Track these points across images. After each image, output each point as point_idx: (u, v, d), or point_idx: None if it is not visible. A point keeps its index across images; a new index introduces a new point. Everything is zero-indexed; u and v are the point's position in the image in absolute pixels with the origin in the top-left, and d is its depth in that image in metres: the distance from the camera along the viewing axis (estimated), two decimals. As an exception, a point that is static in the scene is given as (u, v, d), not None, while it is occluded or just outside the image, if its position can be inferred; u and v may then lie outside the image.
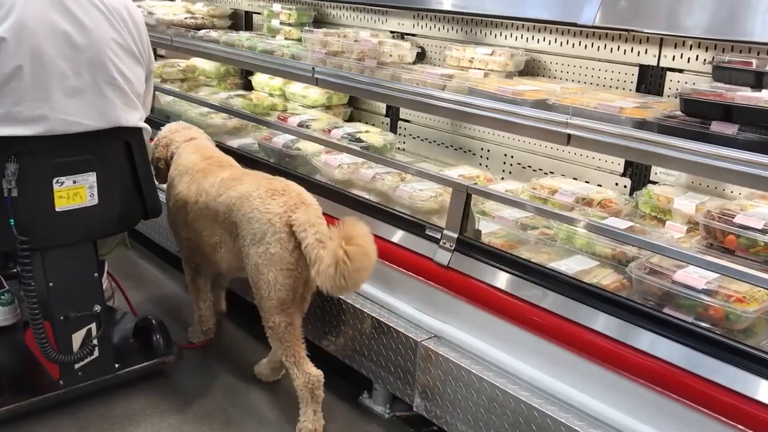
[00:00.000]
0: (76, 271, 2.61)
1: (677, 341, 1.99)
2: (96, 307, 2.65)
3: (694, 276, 2.07)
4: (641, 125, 2.23)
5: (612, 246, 2.38)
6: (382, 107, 4.05)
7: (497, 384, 2.27)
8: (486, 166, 3.45)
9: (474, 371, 2.33)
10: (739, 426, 1.82)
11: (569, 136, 2.37)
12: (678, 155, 2.10)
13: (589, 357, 2.14)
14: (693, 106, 2.14)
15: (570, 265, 2.34)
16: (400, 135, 3.88)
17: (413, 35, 3.71)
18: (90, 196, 2.53)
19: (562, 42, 3.08)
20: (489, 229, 2.66)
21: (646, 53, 2.81)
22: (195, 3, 4.95)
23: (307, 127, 3.53)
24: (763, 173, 1.91)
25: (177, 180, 2.90)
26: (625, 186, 2.94)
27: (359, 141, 3.37)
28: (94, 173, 2.52)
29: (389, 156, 3.35)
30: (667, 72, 2.77)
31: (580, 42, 3.02)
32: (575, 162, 3.10)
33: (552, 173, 3.16)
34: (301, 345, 2.57)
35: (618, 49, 2.89)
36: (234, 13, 4.91)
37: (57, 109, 2.37)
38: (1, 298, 3.01)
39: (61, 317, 2.59)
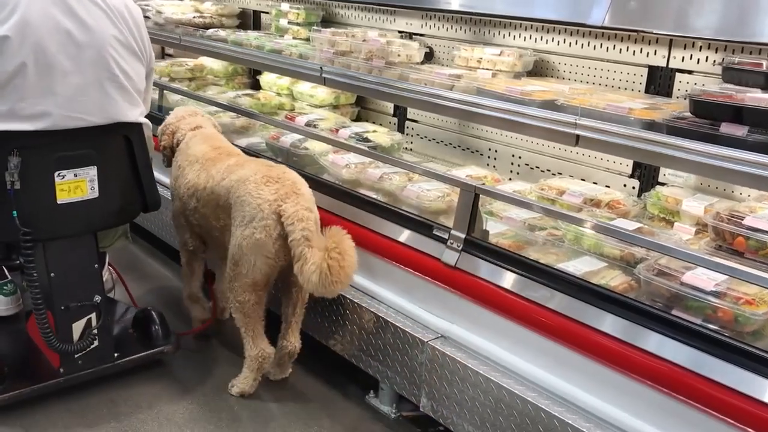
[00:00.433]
0: (76, 263, 2.66)
1: (685, 343, 1.98)
2: (96, 298, 2.70)
3: (702, 278, 2.06)
4: (650, 126, 2.22)
5: (620, 247, 2.37)
6: (389, 107, 4.05)
7: (504, 385, 2.27)
8: (493, 166, 3.44)
9: (481, 372, 2.33)
10: (748, 428, 1.82)
11: (578, 136, 2.36)
12: (687, 157, 2.09)
13: (597, 358, 2.13)
14: (702, 107, 2.14)
15: (578, 266, 2.34)
16: (407, 135, 3.88)
17: (421, 35, 3.71)
18: (91, 189, 2.58)
19: (570, 42, 3.07)
20: (497, 230, 2.66)
21: (655, 54, 2.80)
22: (203, 2, 4.97)
23: (315, 127, 3.53)
24: (773, 175, 1.90)
25: (188, 169, 2.97)
26: (634, 187, 2.93)
27: (367, 141, 3.38)
28: (94, 167, 2.57)
29: (397, 156, 3.35)
30: (677, 73, 2.76)
31: (588, 42, 3.01)
32: (583, 163, 3.10)
33: (560, 174, 3.16)
34: (261, 322, 2.72)
35: (627, 50, 2.88)
36: (242, 13, 4.93)
37: (60, 106, 2.42)
38: (4, 288, 3.07)
39: (62, 307, 2.64)
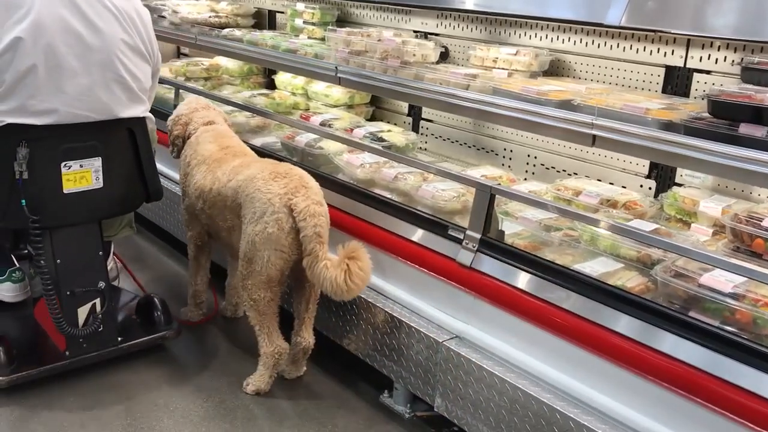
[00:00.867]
0: (82, 250, 2.78)
1: (702, 344, 1.97)
2: (100, 284, 2.82)
3: (720, 279, 2.04)
4: (668, 127, 2.21)
5: (637, 248, 2.35)
6: (404, 107, 4.05)
7: (519, 385, 2.26)
8: (509, 166, 3.43)
9: (496, 372, 2.33)
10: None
11: (594, 137, 2.36)
12: (705, 157, 2.08)
13: (613, 359, 2.12)
14: (721, 107, 2.12)
15: (594, 267, 2.33)
16: (422, 135, 3.88)
17: (437, 35, 3.70)
18: (95, 179, 2.71)
19: (587, 42, 3.06)
20: (512, 230, 2.65)
21: (672, 54, 2.78)
22: (219, 2, 4.98)
23: (330, 126, 3.53)
24: (793, 176, 1.89)
25: (195, 170, 3.01)
26: (650, 188, 2.91)
27: (381, 140, 3.38)
28: (99, 158, 2.70)
29: (411, 156, 3.35)
30: (694, 73, 2.74)
31: (605, 42, 2.99)
32: (599, 163, 3.08)
33: (576, 174, 3.14)
34: (276, 318, 2.73)
35: (644, 50, 2.86)
36: (258, 12, 4.94)
37: (67, 104, 2.54)
38: (13, 276, 3.18)
39: (68, 292, 2.75)
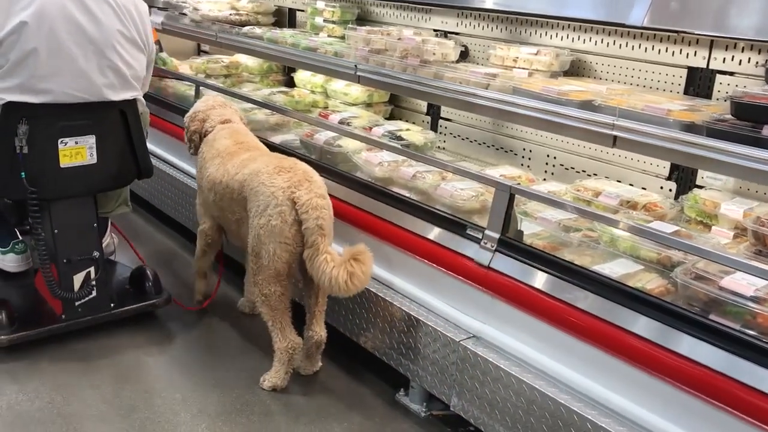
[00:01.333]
0: (78, 221, 3.02)
1: (722, 347, 1.96)
2: (95, 253, 3.05)
3: (742, 283, 2.03)
4: (690, 128, 2.19)
5: (657, 250, 2.34)
6: (422, 105, 4.05)
7: (536, 386, 2.26)
8: (528, 166, 3.42)
9: (513, 372, 2.32)
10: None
11: (615, 137, 2.34)
12: (728, 159, 2.06)
13: (631, 361, 2.11)
14: (744, 109, 2.10)
15: (614, 269, 2.31)
16: (440, 134, 3.87)
17: (457, 34, 3.70)
18: (90, 155, 2.94)
19: (608, 42, 3.04)
20: (531, 231, 2.64)
21: (695, 55, 2.76)
22: (240, 0, 5.00)
23: (349, 125, 3.54)
24: (817, 180, 1.87)
25: (209, 163, 3.08)
26: (670, 190, 2.90)
27: (400, 139, 3.38)
28: (93, 136, 2.92)
29: (430, 154, 3.34)
30: (717, 74, 2.72)
31: (627, 43, 2.98)
32: (619, 164, 3.07)
33: (595, 175, 3.13)
34: (288, 313, 2.77)
35: (666, 51, 2.84)
36: (278, 10, 4.96)
37: (64, 84, 2.76)
38: (16, 247, 3.40)
39: (65, 260, 3.00)
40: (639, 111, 2.33)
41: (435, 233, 2.76)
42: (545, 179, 3.21)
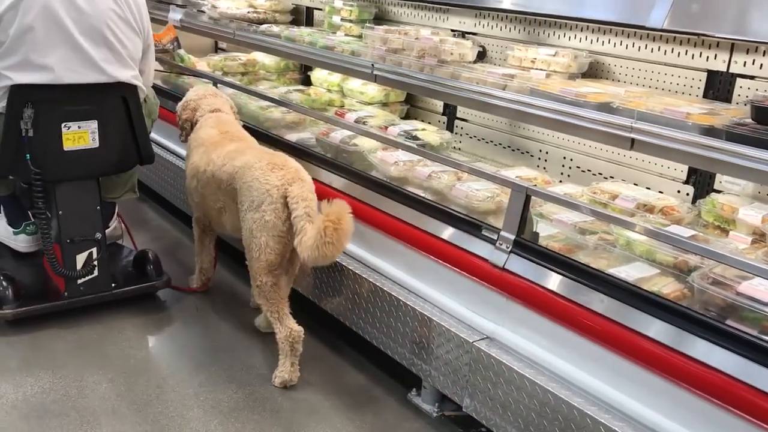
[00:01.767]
0: (81, 203, 3.17)
1: (738, 353, 1.94)
2: (97, 234, 3.19)
3: (760, 288, 2.01)
4: (709, 132, 2.17)
5: (673, 254, 2.32)
6: (438, 105, 4.04)
7: (550, 388, 2.25)
8: (544, 168, 3.41)
9: (526, 374, 2.31)
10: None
11: (633, 140, 2.33)
12: (747, 164, 2.04)
13: (647, 365, 2.10)
14: (765, 113, 2.09)
15: (630, 272, 2.30)
16: (456, 134, 3.86)
17: (474, 34, 3.69)
18: (92, 140, 3.07)
19: (627, 45, 3.02)
20: (547, 233, 2.63)
21: (715, 58, 2.74)
22: (257, -2, 5.02)
23: (364, 124, 3.54)
24: (839, 185, 1.85)
25: (194, 151, 3.20)
26: (688, 194, 2.87)
27: (416, 139, 3.37)
28: (95, 121, 3.06)
29: (446, 155, 3.34)
30: (737, 78, 2.69)
31: (646, 45, 2.96)
32: (636, 167, 3.05)
33: (612, 178, 3.11)
34: (285, 303, 2.85)
35: (686, 54, 2.82)
36: (295, 9, 4.96)
37: (62, 59, 2.89)
38: (27, 228, 3.52)
39: (68, 240, 3.14)
40: (657, 114, 2.31)
41: (450, 233, 2.75)
42: (561, 181, 3.19)
